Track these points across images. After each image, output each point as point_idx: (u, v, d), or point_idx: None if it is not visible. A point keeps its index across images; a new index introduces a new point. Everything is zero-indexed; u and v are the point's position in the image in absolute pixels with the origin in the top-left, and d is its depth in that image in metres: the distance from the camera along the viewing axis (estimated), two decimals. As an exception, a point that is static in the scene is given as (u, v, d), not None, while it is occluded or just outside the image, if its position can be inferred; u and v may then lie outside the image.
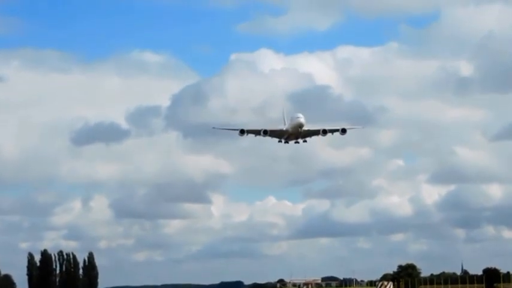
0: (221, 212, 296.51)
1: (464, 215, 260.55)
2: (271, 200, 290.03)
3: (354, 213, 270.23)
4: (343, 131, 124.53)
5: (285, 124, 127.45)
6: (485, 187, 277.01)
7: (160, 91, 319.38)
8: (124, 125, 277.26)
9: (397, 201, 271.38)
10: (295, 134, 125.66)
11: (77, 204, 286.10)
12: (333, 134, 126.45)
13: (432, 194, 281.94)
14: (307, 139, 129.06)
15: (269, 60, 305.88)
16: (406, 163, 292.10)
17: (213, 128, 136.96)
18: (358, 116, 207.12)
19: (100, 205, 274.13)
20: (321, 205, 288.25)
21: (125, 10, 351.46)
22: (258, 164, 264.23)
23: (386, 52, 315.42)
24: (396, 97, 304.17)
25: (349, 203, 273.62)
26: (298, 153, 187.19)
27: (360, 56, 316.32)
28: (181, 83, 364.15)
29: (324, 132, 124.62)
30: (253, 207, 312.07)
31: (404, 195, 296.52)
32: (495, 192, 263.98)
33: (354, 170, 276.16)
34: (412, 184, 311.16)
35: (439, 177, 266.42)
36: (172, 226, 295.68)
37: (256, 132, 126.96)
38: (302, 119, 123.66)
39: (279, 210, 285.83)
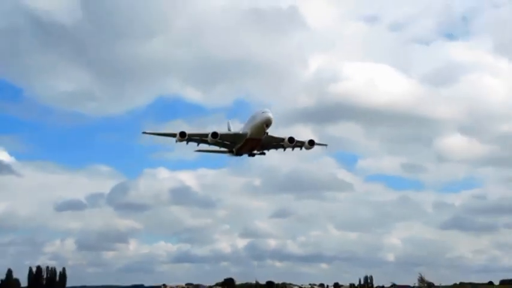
0: None
1: None
2: None
3: None
4: (311, 143, 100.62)
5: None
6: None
7: None
8: None
9: None
10: (258, 138, 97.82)
11: None
12: (293, 149, 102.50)
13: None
14: (266, 152, 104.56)
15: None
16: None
17: (143, 132, 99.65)
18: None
19: None
20: None
21: None
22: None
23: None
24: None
25: None
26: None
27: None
28: None
29: (291, 140, 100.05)
30: None
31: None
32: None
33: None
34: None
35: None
36: None
37: (201, 138, 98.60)
38: (271, 114, 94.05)
39: None
